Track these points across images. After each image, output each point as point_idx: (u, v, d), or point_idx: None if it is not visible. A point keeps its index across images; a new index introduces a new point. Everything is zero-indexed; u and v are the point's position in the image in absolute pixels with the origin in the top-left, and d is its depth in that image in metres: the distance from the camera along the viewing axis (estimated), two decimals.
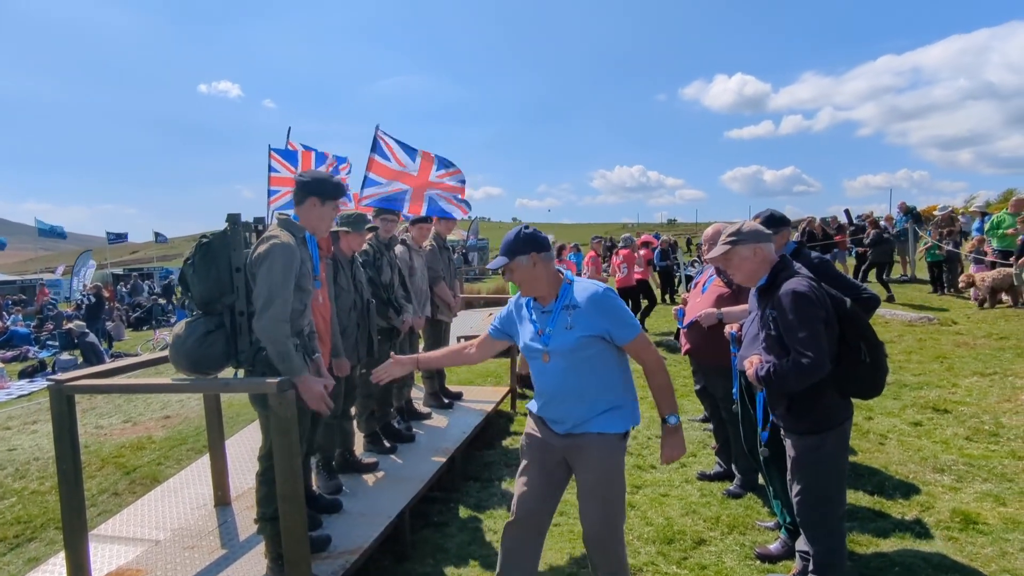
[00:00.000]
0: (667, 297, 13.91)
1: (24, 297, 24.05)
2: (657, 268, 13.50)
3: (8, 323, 16.69)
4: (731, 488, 3.99)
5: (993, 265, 10.17)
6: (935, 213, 15.38)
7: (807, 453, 2.64)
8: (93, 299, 15.48)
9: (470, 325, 10.99)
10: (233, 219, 2.77)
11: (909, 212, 13.55)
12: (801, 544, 2.86)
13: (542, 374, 2.44)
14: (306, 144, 4.54)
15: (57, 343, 13.03)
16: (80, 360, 11.40)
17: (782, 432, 2.78)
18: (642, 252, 10.91)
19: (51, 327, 15.34)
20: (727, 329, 3.45)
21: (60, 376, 2.67)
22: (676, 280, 14.41)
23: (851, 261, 13.70)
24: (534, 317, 2.45)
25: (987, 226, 10.95)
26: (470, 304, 13.09)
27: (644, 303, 10.48)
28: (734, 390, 3.41)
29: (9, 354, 13.40)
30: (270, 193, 5.68)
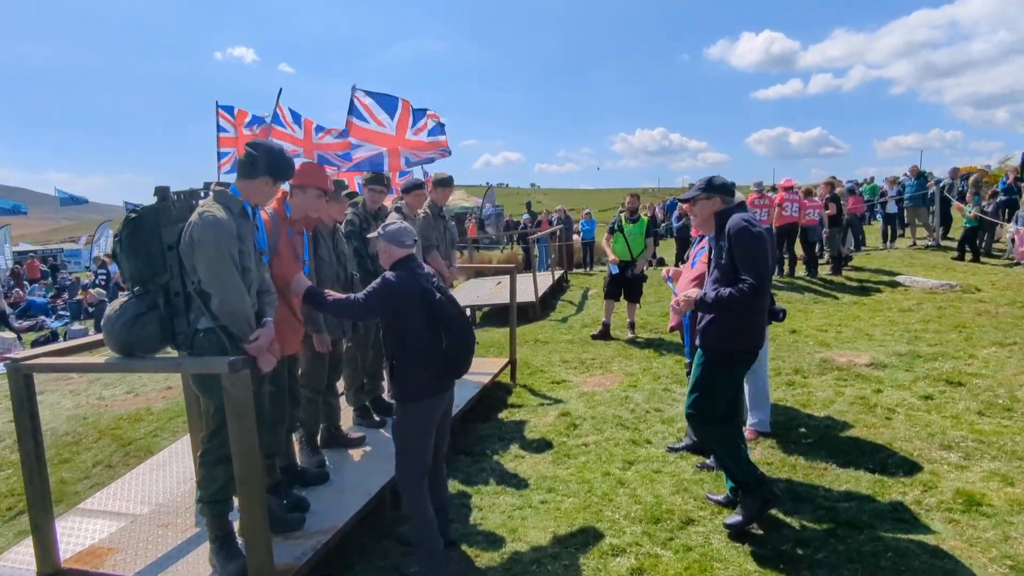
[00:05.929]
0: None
1: (45, 268, 24.45)
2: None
3: (28, 292, 16.98)
4: (706, 462, 3.90)
5: None
6: (972, 173, 14.74)
7: None
8: (103, 271, 15.64)
9: (477, 294, 10.88)
10: (162, 193, 2.55)
11: (920, 176, 12.94)
12: None
13: None
14: (294, 110, 4.29)
15: (69, 313, 13.21)
16: (92, 331, 11.55)
17: None
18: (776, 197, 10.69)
19: (67, 297, 15.56)
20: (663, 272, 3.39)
21: (16, 355, 2.60)
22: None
23: None
24: None
25: None
26: (480, 272, 12.95)
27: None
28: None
29: (26, 324, 13.64)
30: (220, 156, 5.34)
